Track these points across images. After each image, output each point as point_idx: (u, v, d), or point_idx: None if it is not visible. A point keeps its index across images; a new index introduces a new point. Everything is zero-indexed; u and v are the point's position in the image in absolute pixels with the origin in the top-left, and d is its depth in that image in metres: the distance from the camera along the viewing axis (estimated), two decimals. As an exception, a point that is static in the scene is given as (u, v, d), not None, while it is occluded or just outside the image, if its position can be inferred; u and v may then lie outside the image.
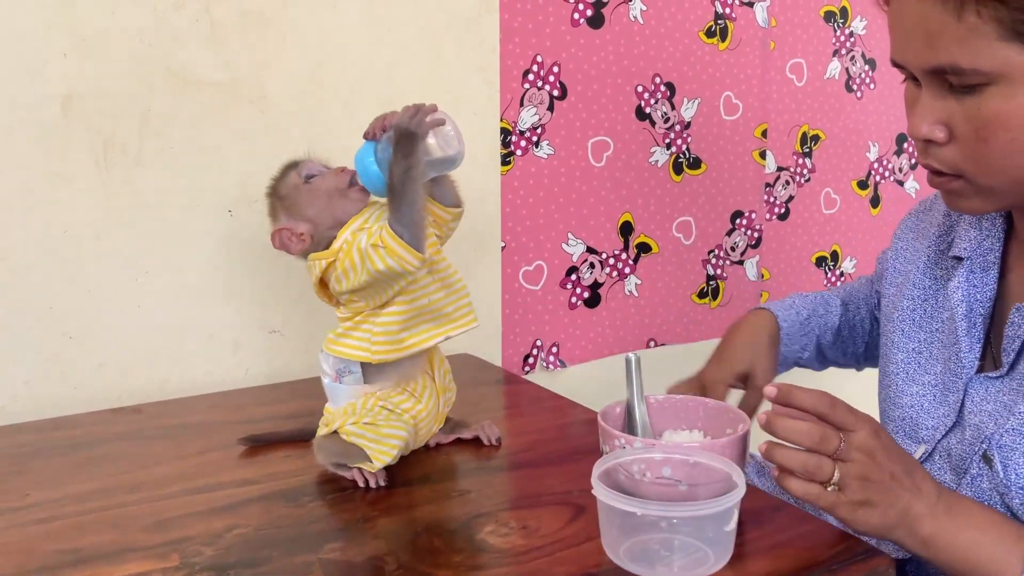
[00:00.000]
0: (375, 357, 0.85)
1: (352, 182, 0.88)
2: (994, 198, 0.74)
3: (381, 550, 0.73)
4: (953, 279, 0.84)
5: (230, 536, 0.75)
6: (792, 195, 1.72)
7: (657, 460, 0.76)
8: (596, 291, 1.51)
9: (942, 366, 0.85)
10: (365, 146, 0.86)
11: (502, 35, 1.35)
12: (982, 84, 0.68)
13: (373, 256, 0.81)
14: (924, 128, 0.73)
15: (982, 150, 0.70)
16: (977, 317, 0.82)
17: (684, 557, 0.69)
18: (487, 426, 0.98)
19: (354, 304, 0.87)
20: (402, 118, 0.81)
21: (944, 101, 0.71)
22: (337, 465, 0.87)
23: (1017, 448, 0.73)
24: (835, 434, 0.70)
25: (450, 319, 0.87)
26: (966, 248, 0.85)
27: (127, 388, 1.16)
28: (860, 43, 1.76)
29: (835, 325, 1.10)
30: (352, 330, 0.87)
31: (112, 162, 1.11)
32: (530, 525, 0.77)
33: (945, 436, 0.81)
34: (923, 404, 0.85)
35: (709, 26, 1.54)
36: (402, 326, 0.85)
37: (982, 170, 0.72)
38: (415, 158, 0.80)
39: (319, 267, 0.86)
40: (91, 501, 0.82)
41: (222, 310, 1.21)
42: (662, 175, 1.55)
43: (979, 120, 0.69)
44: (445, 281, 0.88)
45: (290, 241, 0.88)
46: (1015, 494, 0.73)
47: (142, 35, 1.10)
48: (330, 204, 0.87)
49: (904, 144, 1.87)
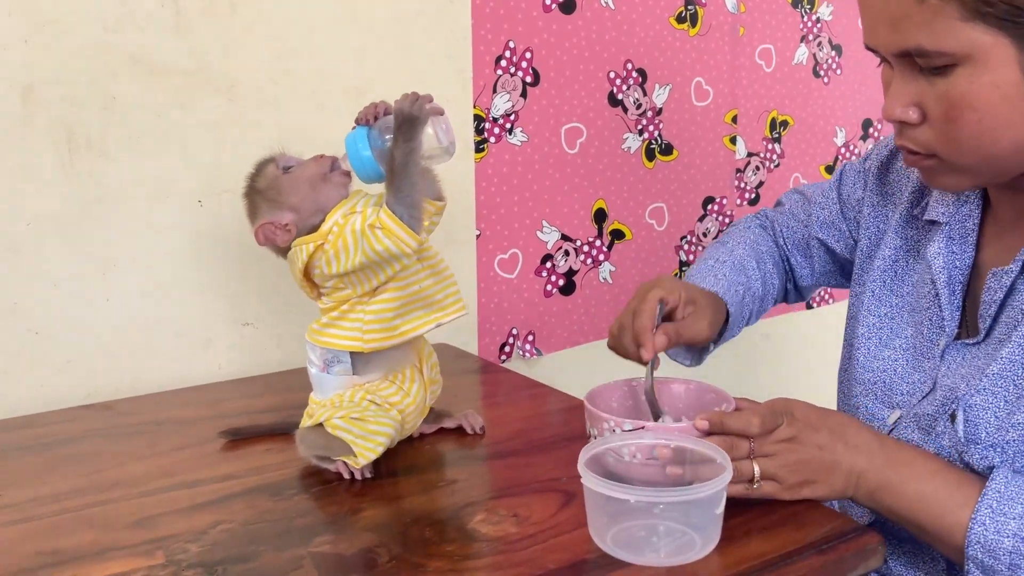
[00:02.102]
0: (368, 345, 0.84)
1: (334, 167, 0.87)
2: (969, 176, 0.76)
3: (372, 542, 0.71)
4: (932, 244, 0.85)
5: (215, 532, 0.73)
6: (762, 180, 1.73)
7: (647, 444, 0.76)
8: (571, 278, 1.51)
9: (913, 330, 0.86)
10: (357, 131, 0.85)
11: (474, 21, 1.33)
12: (949, 65, 0.69)
13: (371, 237, 0.80)
14: (898, 110, 0.74)
15: (952, 130, 0.71)
16: (956, 284, 0.83)
17: (671, 543, 0.69)
18: (470, 415, 0.97)
19: (340, 292, 0.85)
20: (404, 104, 0.81)
21: (916, 83, 0.72)
22: (320, 458, 0.85)
23: (988, 407, 0.75)
24: (743, 441, 0.75)
25: (440, 306, 0.87)
26: (943, 213, 0.85)
27: (96, 385, 1.13)
28: (827, 29, 1.77)
29: (760, 291, 1.06)
30: (339, 319, 0.85)
31: (76, 153, 1.08)
32: (520, 513, 0.76)
33: (920, 401, 0.83)
34: (896, 369, 0.87)
35: (679, 12, 1.54)
36: (395, 312, 0.84)
37: (953, 149, 0.73)
38: (417, 142, 0.81)
39: (306, 252, 0.84)
40: (68, 500, 0.80)
41: (193, 304, 1.18)
42: (635, 161, 1.55)
43: (948, 101, 0.70)
44: (434, 269, 0.87)
45: (275, 234, 0.86)
46: (974, 452, 0.75)
47: (105, 21, 1.07)
48: (313, 190, 0.86)
49: (870, 129, 1.89)
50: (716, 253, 1.06)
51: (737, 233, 1.11)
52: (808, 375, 1.92)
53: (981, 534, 0.70)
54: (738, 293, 1.00)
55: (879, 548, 0.73)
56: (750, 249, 1.06)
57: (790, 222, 1.10)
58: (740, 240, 1.08)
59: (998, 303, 0.77)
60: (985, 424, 0.75)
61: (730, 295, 0.99)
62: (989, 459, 0.74)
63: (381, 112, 0.85)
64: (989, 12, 0.65)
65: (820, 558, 0.70)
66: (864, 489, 0.76)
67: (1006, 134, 0.70)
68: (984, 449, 0.74)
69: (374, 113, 0.85)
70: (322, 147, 0.91)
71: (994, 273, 0.78)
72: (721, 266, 1.02)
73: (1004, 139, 0.70)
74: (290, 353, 1.25)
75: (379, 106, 0.85)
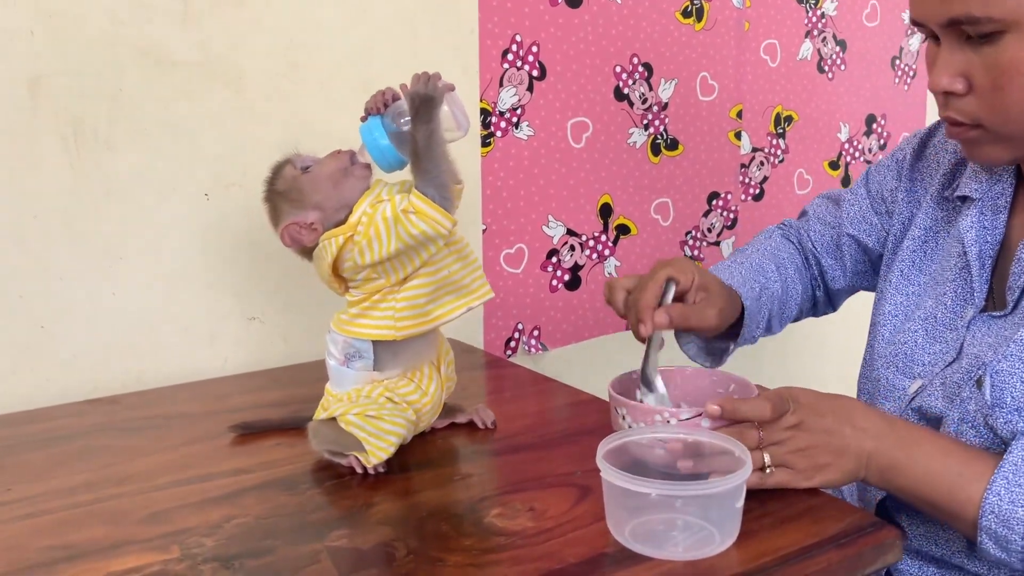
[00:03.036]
0: (401, 333, 0.84)
1: (353, 160, 0.86)
2: (1012, 146, 0.77)
3: (389, 536, 0.71)
4: (964, 218, 0.85)
5: (230, 526, 0.73)
6: (767, 176, 1.73)
7: (668, 437, 0.76)
8: (576, 274, 1.50)
9: (934, 302, 0.87)
10: (371, 121, 0.85)
11: (481, 14, 1.33)
12: (998, 32, 0.70)
13: (405, 222, 0.80)
14: (944, 81, 0.75)
15: (1000, 98, 0.73)
16: (987, 258, 0.84)
17: (689, 537, 0.69)
18: (481, 410, 0.96)
19: (371, 282, 0.84)
20: (419, 85, 0.80)
21: (963, 53, 0.73)
22: (333, 452, 0.85)
23: (1015, 372, 0.75)
24: (751, 430, 0.75)
25: (469, 291, 0.87)
26: (977, 189, 0.86)
27: (101, 379, 1.12)
28: (831, 24, 1.77)
29: (779, 293, 1.05)
30: (370, 309, 0.85)
31: (82, 145, 1.07)
32: (537, 507, 0.75)
33: (943, 370, 0.83)
34: (917, 340, 0.87)
35: (685, 6, 1.54)
36: (427, 299, 0.84)
37: (1000, 118, 0.74)
38: (436, 122, 0.80)
39: (335, 244, 0.83)
40: (78, 495, 0.79)
41: (199, 298, 1.17)
42: (640, 156, 1.54)
43: (996, 69, 0.71)
44: (460, 253, 0.87)
45: (301, 235, 0.85)
46: (999, 415, 0.75)
47: (113, 13, 1.06)
48: (336, 187, 0.85)
49: (873, 125, 1.89)
50: (735, 258, 1.06)
51: (757, 241, 1.11)
52: (815, 367, 1.92)
53: (996, 504, 0.70)
54: (754, 290, 1.00)
55: (896, 542, 0.73)
56: (770, 255, 1.06)
57: (817, 226, 1.09)
58: (760, 247, 1.08)
59: None
60: (1011, 389, 0.75)
61: (745, 289, 0.98)
62: (1013, 423, 0.75)
63: (390, 99, 0.84)
64: None
65: (839, 552, 0.69)
66: (875, 470, 0.76)
67: None
68: (1009, 413, 0.75)
69: (383, 101, 0.85)
70: (330, 139, 0.91)
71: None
72: (739, 267, 1.02)
73: None
74: (296, 347, 1.24)
75: (386, 93, 0.85)
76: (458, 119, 0.84)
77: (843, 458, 0.76)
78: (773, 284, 1.03)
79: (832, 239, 1.07)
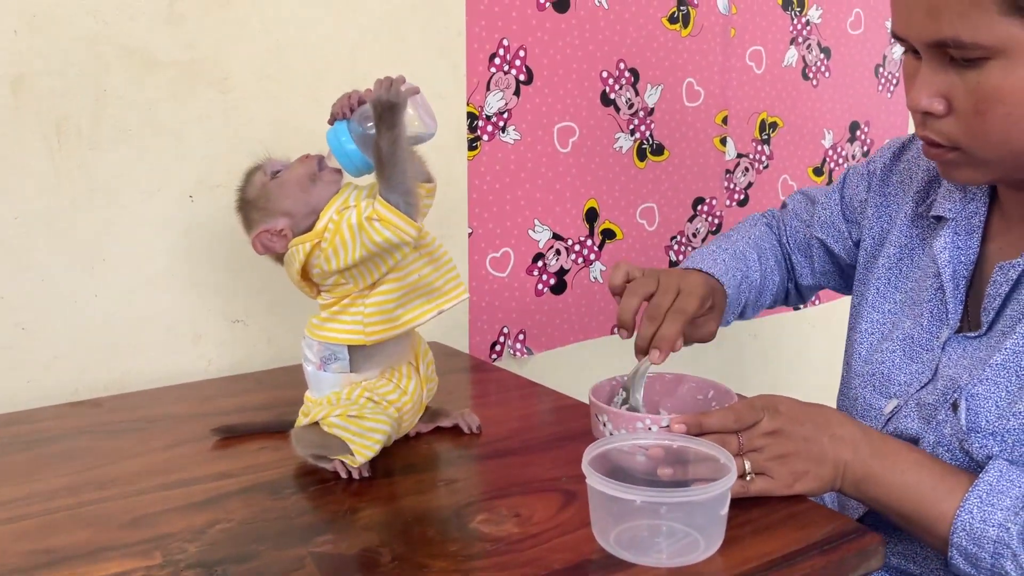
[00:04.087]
0: (370, 338, 0.83)
1: (321, 165, 0.86)
2: (988, 169, 0.77)
3: (373, 542, 0.71)
4: (938, 239, 0.86)
5: (213, 531, 0.72)
6: (751, 182, 1.74)
7: (650, 443, 0.76)
8: (562, 278, 1.51)
9: (911, 322, 0.88)
10: (337, 126, 0.84)
11: (468, 18, 1.33)
12: (982, 58, 0.69)
13: (369, 229, 0.79)
14: (924, 100, 0.74)
15: (980, 123, 0.72)
16: (961, 279, 0.84)
17: (674, 543, 0.69)
18: (467, 414, 0.96)
19: (340, 287, 0.84)
20: (380, 92, 0.79)
21: (944, 74, 0.73)
22: (317, 457, 0.84)
23: (990, 397, 0.76)
24: (732, 436, 0.76)
25: (441, 293, 0.86)
26: (951, 209, 0.86)
27: (84, 381, 1.11)
28: (816, 31, 1.78)
29: (758, 282, 1.07)
30: (340, 313, 0.85)
31: (65, 145, 1.06)
32: (522, 513, 0.75)
33: (919, 391, 0.84)
34: (894, 360, 0.88)
35: (672, 12, 1.55)
36: (395, 303, 0.84)
37: (979, 143, 0.73)
38: (400, 128, 0.80)
39: (302, 251, 0.83)
40: (60, 499, 0.79)
41: (183, 299, 1.16)
42: (626, 161, 1.55)
43: (978, 94, 0.71)
44: (432, 256, 0.86)
45: (272, 242, 0.85)
46: (975, 440, 0.76)
47: (97, 12, 1.05)
48: (304, 192, 0.85)
49: (857, 132, 1.91)
50: (719, 242, 1.07)
51: (743, 228, 1.12)
52: (797, 374, 1.93)
53: (967, 522, 0.71)
54: (735, 278, 1.01)
55: (879, 548, 0.73)
56: (753, 243, 1.07)
57: (793, 222, 1.11)
58: (744, 234, 1.09)
59: (1003, 296, 0.78)
60: (986, 413, 0.76)
61: (727, 278, 0.99)
62: (988, 448, 0.75)
63: (355, 102, 0.84)
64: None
65: (822, 558, 0.70)
66: (850, 480, 0.77)
67: None
68: (984, 437, 0.76)
69: (348, 104, 0.84)
70: (317, 141, 0.90)
71: (1001, 267, 0.79)
72: (722, 252, 1.03)
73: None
74: (281, 350, 1.24)
75: (352, 96, 0.84)
76: (424, 121, 0.83)
77: (821, 466, 0.76)
78: (753, 273, 1.05)
79: (803, 237, 1.09)
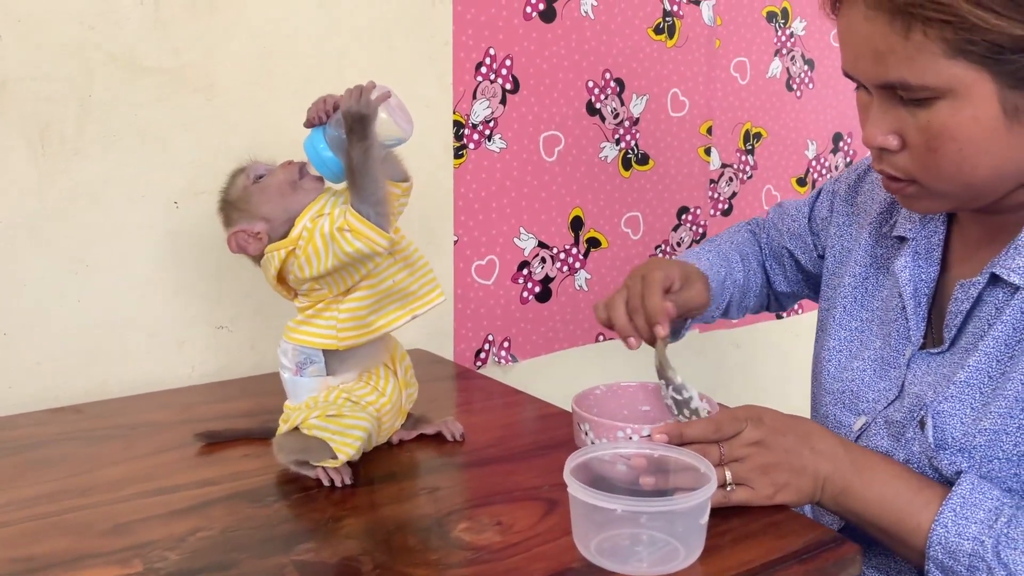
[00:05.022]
0: (343, 343, 0.84)
1: (303, 172, 0.86)
2: (946, 200, 0.78)
3: (355, 550, 0.71)
4: (899, 259, 0.88)
5: (194, 539, 0.72)
6: (735, 191, 1.75)
7: (632, 452, 0.76)
8: (547, 285, 1.51)
9: (881, 341, 0.89)
10: (313, 133, 0.85)
11: (455, 27, 1.33)
12: (931, 98, 0.71)
13: (340, 240, 0.80)
14: (879, 137, 0.76)
15: (933, 159, 0.73)
16: (922, 297, 0.85)
17: (654, 552, 0.69)
18: (450, 422, 0.97)
19: (316, 292, 0.85)
20: (350, 102, 0.79)
21: (896, 112, 0.74)
22: (299, 464, 0.84)
23: (955, 414, 0.77)
24: (713, 445, 0.77)
25: (416, 297, 0.87)
26: (910, 230, 0.88)
27: (66, 388, 1.11)
28: (800, 43, 1.80)
29: (741, 282, 1.10)
30: (314, 317, 0.85)
31: (49, 150, 1.06)
32: (504, 521, 0.76)
33: (886, 408, 0.85)
34: (864, 379, 0.89)
35: (658, 23, 1.56)
36: (369, 310, 0.84)
37: (933, 177, 0.75)
38: (371, 139, 0.80)
39: (278, 258, 0.83)
40: (40, 506, 0.78)
41: (166, 305, 1.16)
42: (611, 170, 1.56)
43: (929, 132, 0.72)
44: (407, 260, 0.87)
45: (247, 242, 0.86)
46: (943, 457, 0.77)
47: (82, 18, 1.05)
48: (283, 199, 0.85)
49: (840, 143, 1.92)
50: (704, 246, 1.12)
51: (727, 234, 1.16)
52: (779, 384, 1.94)
53: (943, 535, 0.72)
54: (719, 274, 1.04)
55: (856, 557, 0.74)
56: (736, 246, 1.12)
57: (771, 231, 1.15)
58: (728, 239, 1.13)
59: (964, 314, 0.80)
60: (952, 430, 0.77)
61: (712, 273, 1.02)
62: (957, 464, 0.76)
63: (331, 107, 0.83)
64: (972, 50, 0.67)
65: (801, 567, 0.70)
66: (829, 493, 0.78)
67: (984, 163, 0.72)
68: (952, 454, 0.77)
69: (324, 110, 0.84)
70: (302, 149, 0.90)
71: (961, 285, 0.80)
72: (706, 253, 1.07)
73: (982, 168, 0.72)
74: (265, 356, 1.24)
75: (328, 101, 0.84)
76: (400, 125, 0.83)
77: (801, 478, 0.77)
78: (736, 273, 1.08)
79: (777, 246, 1.13)
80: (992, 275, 0.77)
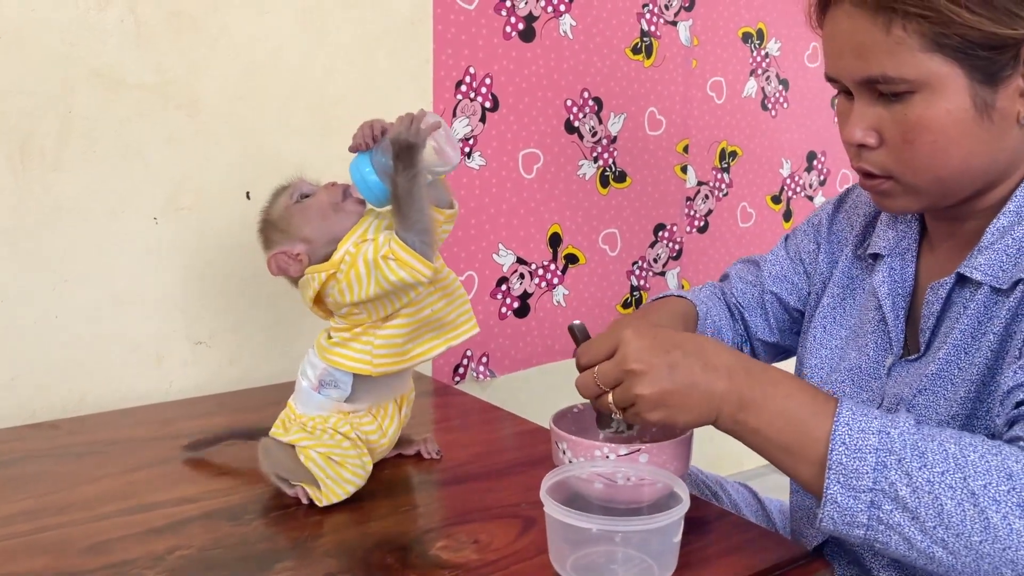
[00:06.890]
0: (377, 370, 0.83)
1: (346, 195, 0.86)
2: (920, 197, 0.81)
3: (334, 568, 0.71)
4: (877, 274, 0.90)
5: (173, 558, 0.72)
6: (711, 209, 1.78)
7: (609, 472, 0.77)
8: (526, 301, 1.52)
9: (857, 353, 0.91)
10: (359, 157, 0.83)
11: (435, 45, 1.35)
12: (908, 92, 0.75)
13: (384, 268, 0.79)
14: (858, 134, 0.80)
15: (909, 151, 0.77)
16: (900, 305, 0.88)
17: (629, 570, 0.71)
18: (428, 441, 0.97)
19: (355, 316, 0.84)
20: (399, 130, 0.79)
21: (874, 109, 0.78)
22: (280, 479, 0.85)
23: (930, 406, 0.79)
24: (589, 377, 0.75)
25: (453, 327, 0.87)
26: (884, 246, 0.91)
27: (42, 403, 1.10)
28: (775, 64, 1.83)
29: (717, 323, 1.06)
30: (351, 340, 0.84)
31: (28, 164, 1.06)
32: (482, 539, 0.77)
33: None
34: (844, 391, 0.91)
35: (635, 43, 1.58)
36: (406, 338, 0.84)
37: (909, 170, 0.79)
38: (418, 168, 0.79)
39: (318, 280, 0.83)
40: (17, 524, 0.78)
41: (145, 321, 1.16)
42: (589, 188, 1.57)
43: (905, 124, 0.76)
44: (446, 290, 0.86)
45: (287, 264, 0.84)
46: None
47: (63, 33, 1.05)
48: (325, 221, 0.85)
49: (814, 161, 1.96)
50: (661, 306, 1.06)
51: (688, 293, 1.10)
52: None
53: (845, 434, 0.68)
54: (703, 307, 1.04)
55: (828, 575, 0.75)
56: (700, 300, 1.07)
57: (739, 285, 1.10)
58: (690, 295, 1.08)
59: (936, 316, 0.82)
60: (927, 421, 0.78)
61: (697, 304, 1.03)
62: None
63: (379, 132, 0.82)
64: (947, 44, 0.72)
65: (772, 584, 0.72)
66: (727, 412, 0.73)
67: (955, 155, 0.76)
68: None
69: (371, 135, 0.83)
70: (286, 164, 0.91)
71: (932, 287, 0.83)
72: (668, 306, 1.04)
73: (954, 160, 0.76)
74: (244, 372, 1.24)
75: (375, 126, 0.83)
76: (447, 154, 0.83)
77: (690, 398, 0.72)
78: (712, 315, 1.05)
79: (756, 296, 1.08)
80: (959, 275, 0.80)
